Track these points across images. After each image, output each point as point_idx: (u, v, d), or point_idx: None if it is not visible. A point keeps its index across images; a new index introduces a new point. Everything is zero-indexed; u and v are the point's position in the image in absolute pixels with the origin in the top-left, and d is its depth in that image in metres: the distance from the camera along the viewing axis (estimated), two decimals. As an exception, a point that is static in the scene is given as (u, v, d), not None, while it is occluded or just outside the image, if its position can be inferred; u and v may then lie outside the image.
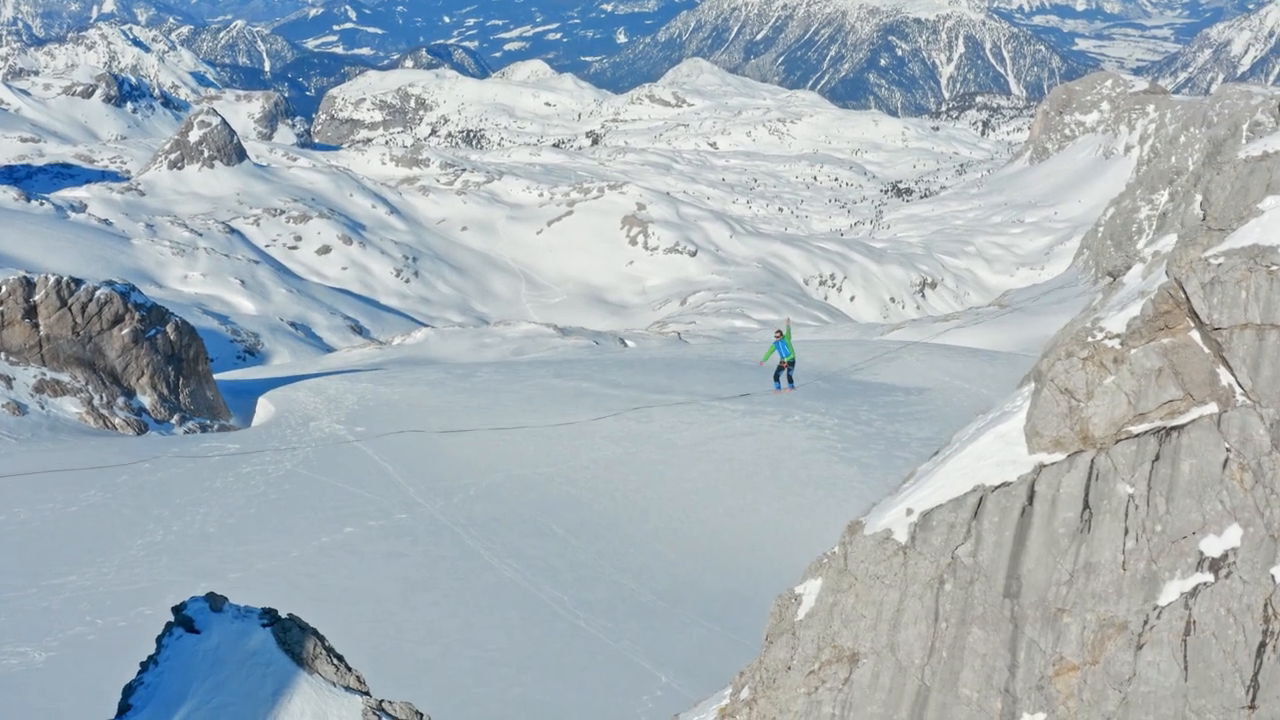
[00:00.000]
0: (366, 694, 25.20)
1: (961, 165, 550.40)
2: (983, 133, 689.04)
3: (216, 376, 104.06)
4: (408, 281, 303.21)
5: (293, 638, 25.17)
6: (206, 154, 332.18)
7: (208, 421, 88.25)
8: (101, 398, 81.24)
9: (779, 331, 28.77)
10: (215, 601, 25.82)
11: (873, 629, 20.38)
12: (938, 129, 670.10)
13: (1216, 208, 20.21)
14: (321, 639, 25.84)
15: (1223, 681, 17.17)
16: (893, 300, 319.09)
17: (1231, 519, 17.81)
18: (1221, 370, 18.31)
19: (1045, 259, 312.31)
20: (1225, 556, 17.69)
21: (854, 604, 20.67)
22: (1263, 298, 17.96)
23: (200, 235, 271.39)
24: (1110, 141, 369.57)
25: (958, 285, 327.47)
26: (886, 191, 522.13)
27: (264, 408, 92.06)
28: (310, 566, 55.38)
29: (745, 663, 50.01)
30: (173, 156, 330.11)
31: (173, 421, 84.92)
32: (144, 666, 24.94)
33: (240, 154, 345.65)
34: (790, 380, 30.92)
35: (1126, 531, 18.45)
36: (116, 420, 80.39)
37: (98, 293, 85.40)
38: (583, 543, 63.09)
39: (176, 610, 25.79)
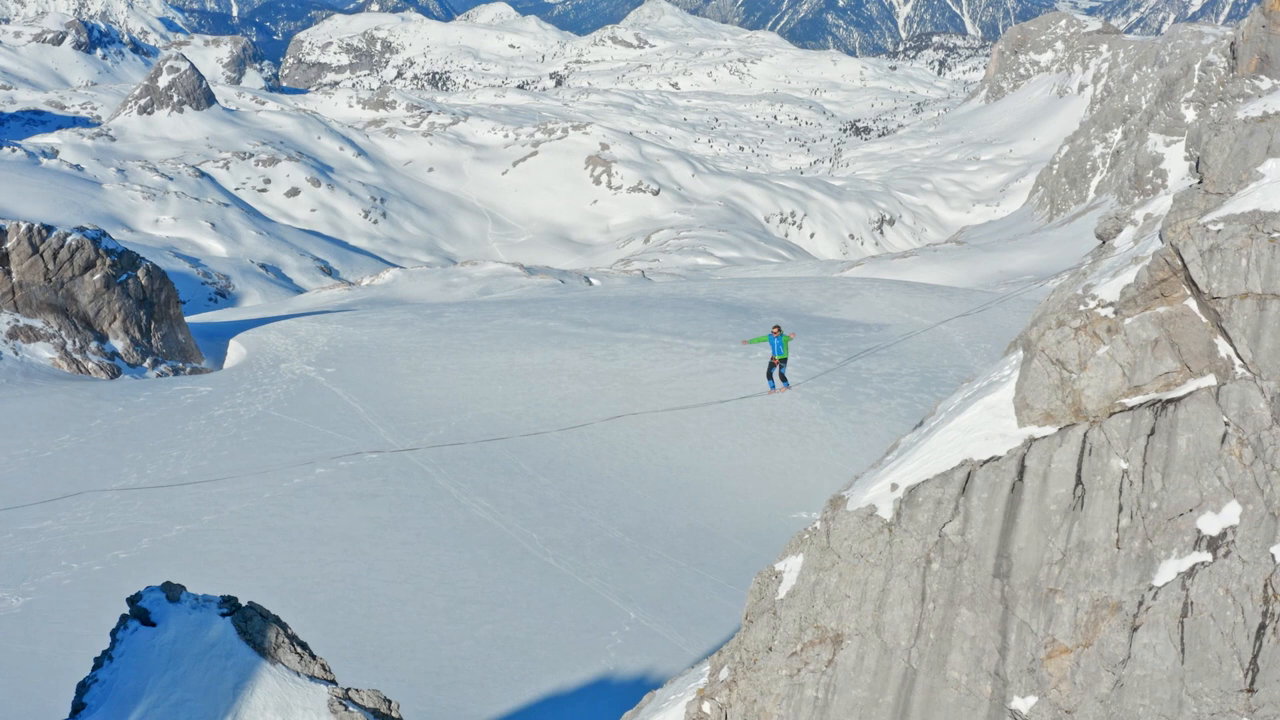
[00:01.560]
0: (332, 682, 24.06)
1: (919, 104, 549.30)
2: (939, 72, 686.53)
3: (188, 319, 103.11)
4: (376, 223, 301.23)
5: (254, 627, 23.87)
6: (176, 99, 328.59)
7: (180, 364, 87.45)
8: (74, 343, 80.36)
9: (776, 328, 27.06)
10: (172, 591, 24.48)
11: (857, 609, 19.40)
12: (895, 69, 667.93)
13: (1214, 171, 19.20)
14: (284, 627, 24.50)
15: (1220, 664, 16.40)
16: (852, 237, 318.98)
17: (1230, 496, 16.93)
18: (1220, 341, 17.37)
19: (1001, 196, 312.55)
20: (1224, 535, 16.85)
21: (837, 583, 19.68)
22: (1264, 266, 16.95)
23: (171, 179, 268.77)
24: (1064, 80, 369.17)
25: (915, 222, 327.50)
26: (845, 130, 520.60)
27: (235, 350, 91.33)
28: (282, 508, 55.00)
29: (711, 599, 50.09)
30: (142, 102, 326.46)
31: (145, 365, 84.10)
32: (98, 662, 23.50)
33: (209, 99, 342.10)
34: (784, 379, 29.05)
35: (1121, 509, 17.56)
36: (89, 365, 79.56)
37: (69, 239, 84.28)
38: (551, 480, 62.94)
39: (131, 601, 24.44)
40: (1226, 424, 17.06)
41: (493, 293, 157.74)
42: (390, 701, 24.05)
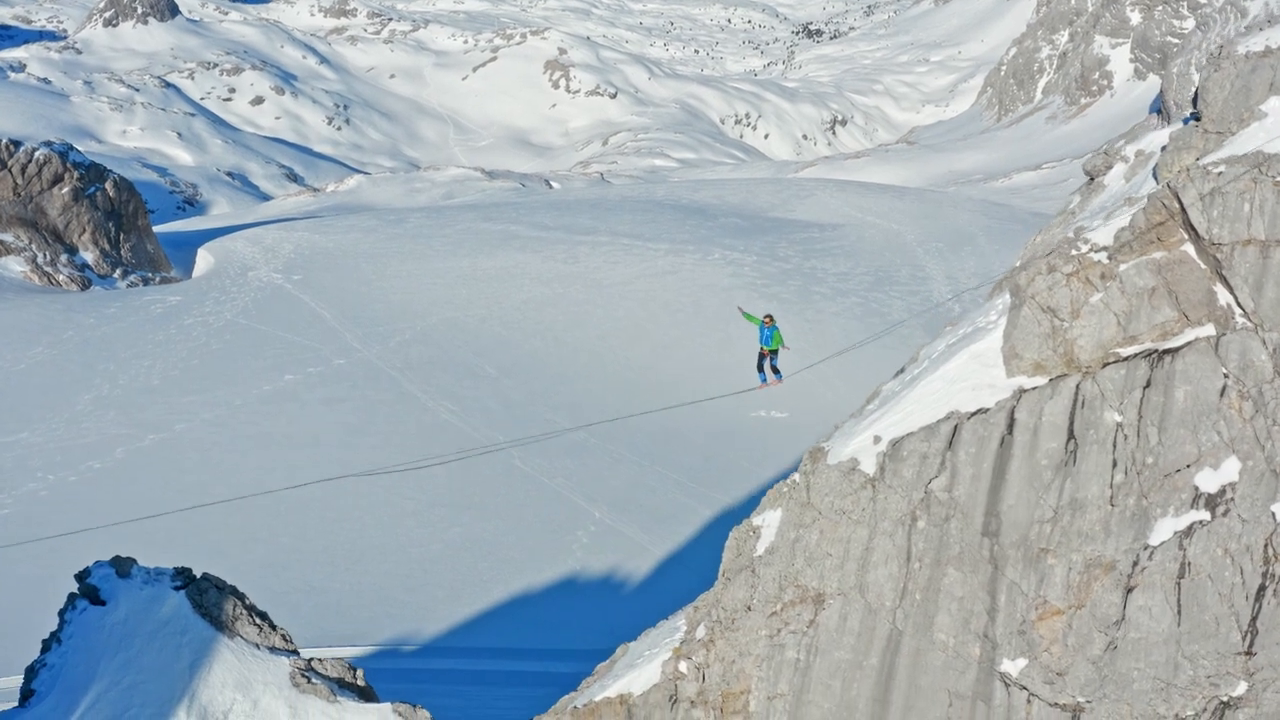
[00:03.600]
0: (294, 653, 22.75)
1: (869, 7, 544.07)
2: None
3: (157, 228, 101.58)
4: (339, 129, 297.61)
5: (210, 599, 22.50)
6: (140, 10, 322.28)
7: (149, 274, 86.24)
8: (45, 256, 79.05)
9: (769, 317, 25.52)
10: (122, 566, 22.81)
11: (839, 568, 18.26)
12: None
13: (1214, 109, 17.76)
14: (241, 598, 23.19)
15: (1218, 626, 15.47)
16: (805, 138, 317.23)
17: (1229, 451, 15.84)
18: (1220, 289, 16.18)
19: (950, 96, 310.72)
20: (1223, 492, 15.79)
21: (818, 541, 18.50)
22: (1268, 211, 15.76)
23: (137, 90, 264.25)
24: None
25: (867, 123, 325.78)
26: (798, 33, 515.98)
27: (203, 259, 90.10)
28: (253, 415, 54.44)
29: (674, 497, 50.00)
30: (107, 14, 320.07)
31: (115, 276, 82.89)
32: (46, 645, 21.94)
33: (173, 9, 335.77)
34: (775, 370, 27.42)
35: (1115, 464, 16.39)
36: (60, 277, 78.34)
37: (36, 153, 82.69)
38: (515, 383, 62.53)
39: (80, 578, 22.69)
40: (1226, 376, 16.03)
41: (455, 197, 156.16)
42: (355, 670, 23.06)
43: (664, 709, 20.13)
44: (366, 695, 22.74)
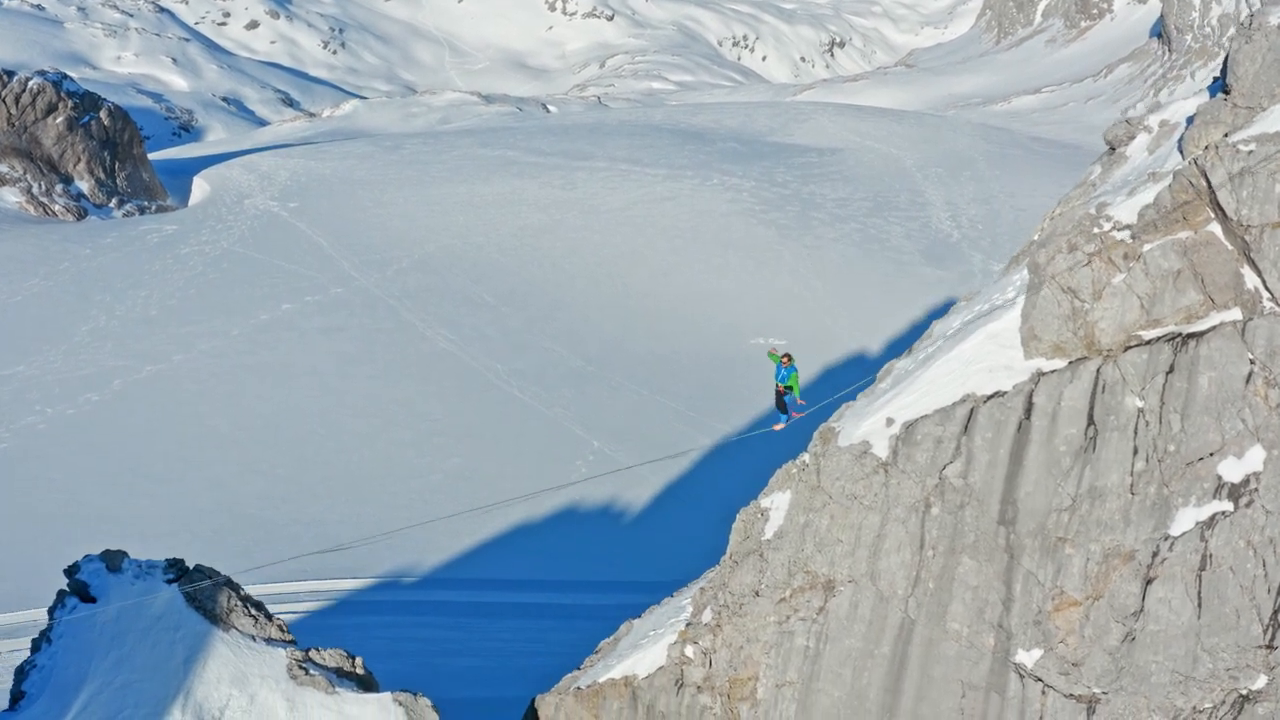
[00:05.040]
0: (291, 643, 22.25)
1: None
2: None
3: (152, 156, 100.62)
4: (335, 53, 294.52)
5: (203, 592, 21.95)
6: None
7: (145, 203, 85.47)
8: (40, 186, 78.28)
9: (787, 356, 24.53)
10: (112, 560, 22.23)
11: (850, 555, 17.68)
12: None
13: (1244, 82, 16.37)
14: (236, 588, 22.58)
15: (1239, 619, 14.86)
16: (803, 60, 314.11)
17: (1254, 440, 15.07)
18: (1247, 271, 15.31)
19: (949, 18, 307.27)
20: (1246, 482, 15.04)
21: (828, 526, 17.90)
22: None
23: (131, 16, 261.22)
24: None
25: (865, 45, 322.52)
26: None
27: (199, 187, 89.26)
28: (250, 344, 54.07)
29: (672, 426, 49.81)
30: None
31: (111, 205, 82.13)
32: (36, 645, 21.24)
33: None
34: (784, 410, 25.78)
35: (1136, 451, 15.65)
36: (56, 207, 77.63)
37: (30, 83, 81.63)
38: (513, 310, 62.13)
39: (69, 573, 22.01)
40: (1252, 362, 15.24)
41: (451, 122, 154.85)
42: (353, 658, 22.50)
43: (669, 693, 19.70)
44: (366, 683, 22.12)
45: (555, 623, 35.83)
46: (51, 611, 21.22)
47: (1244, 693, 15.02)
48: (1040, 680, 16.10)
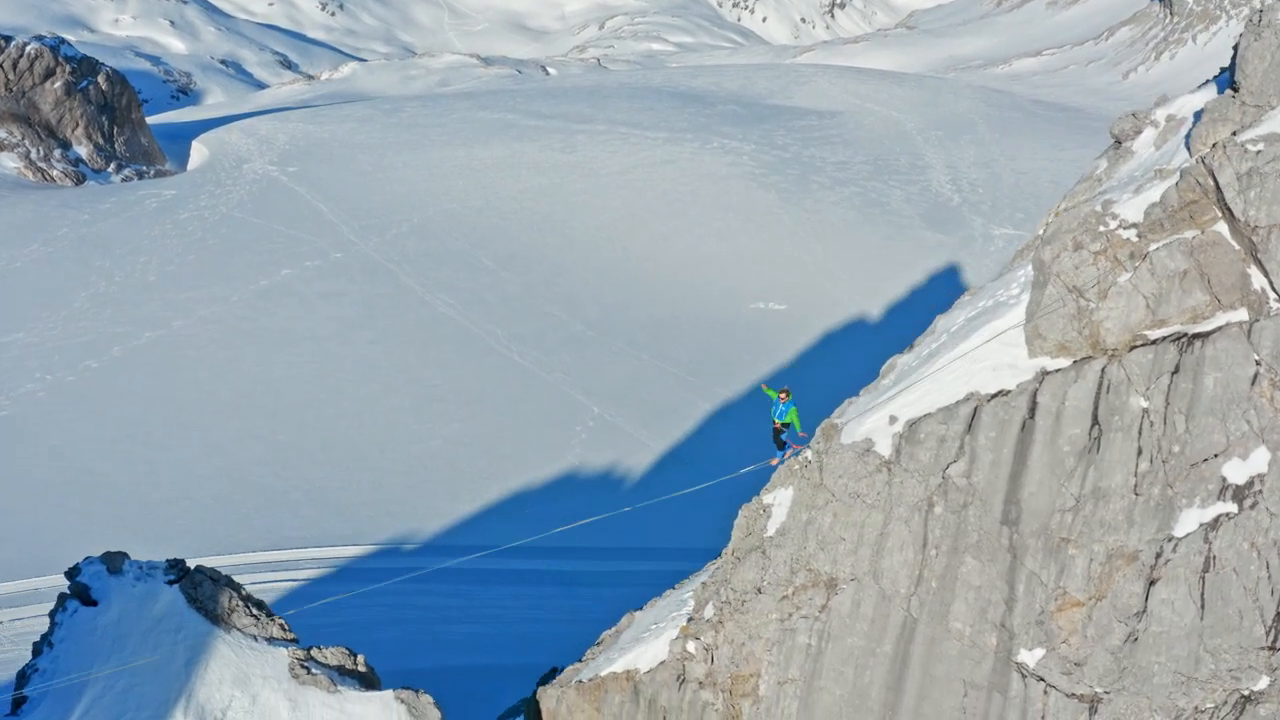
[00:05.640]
0: (293, 642, 22.08)
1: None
2: None
3: (151, 119, 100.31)
4: (333, 15, 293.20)
5: (204, 592, 21.71)
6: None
7: (144, 168, 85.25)
8: (39, 151, 78.08)
9: (785, 391, 23.96)
10: (113, 561, 21.89)
11: (853, 553, 17.50)
12: None
13: (1253, 80, 16.04)
14: (237, 589, 22.32)
15: (1241, 620, 14.70)
16: (803, 21, 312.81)
17: (1259, 441, 14.79)
18: (1254, 272, 14.97)
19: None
20: (1251, 484, 14.79)
21: (831, 524, 17.71)
22: None
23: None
24: None
25: (866, 5, 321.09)
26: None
27: (198, 151, 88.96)
28: (250, 310, 53.92)
29: (673, 391, 49.73)
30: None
31: (109, 170, 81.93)
32: (37, 649, 20.99)
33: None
34: (784, 444, 24.97)
35: (1140, 452, 15.38)
36: (54, 173, 77.42)
37: (28, 48, 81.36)
38: (513, 275, 61.96)
39: (70, 575, 21.74)
40: (1258, 363, 14.91)
41: (450, 84, 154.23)
42: (355, 655, 22.40)
43: (671, 688, 19.63)
44: (368, 680, 21.95)
45: (555, 589, 35.90)
46: (53, 615, 21.06)
47: (1246, 693, 14.88)
48: (1042, 680, 15.92)
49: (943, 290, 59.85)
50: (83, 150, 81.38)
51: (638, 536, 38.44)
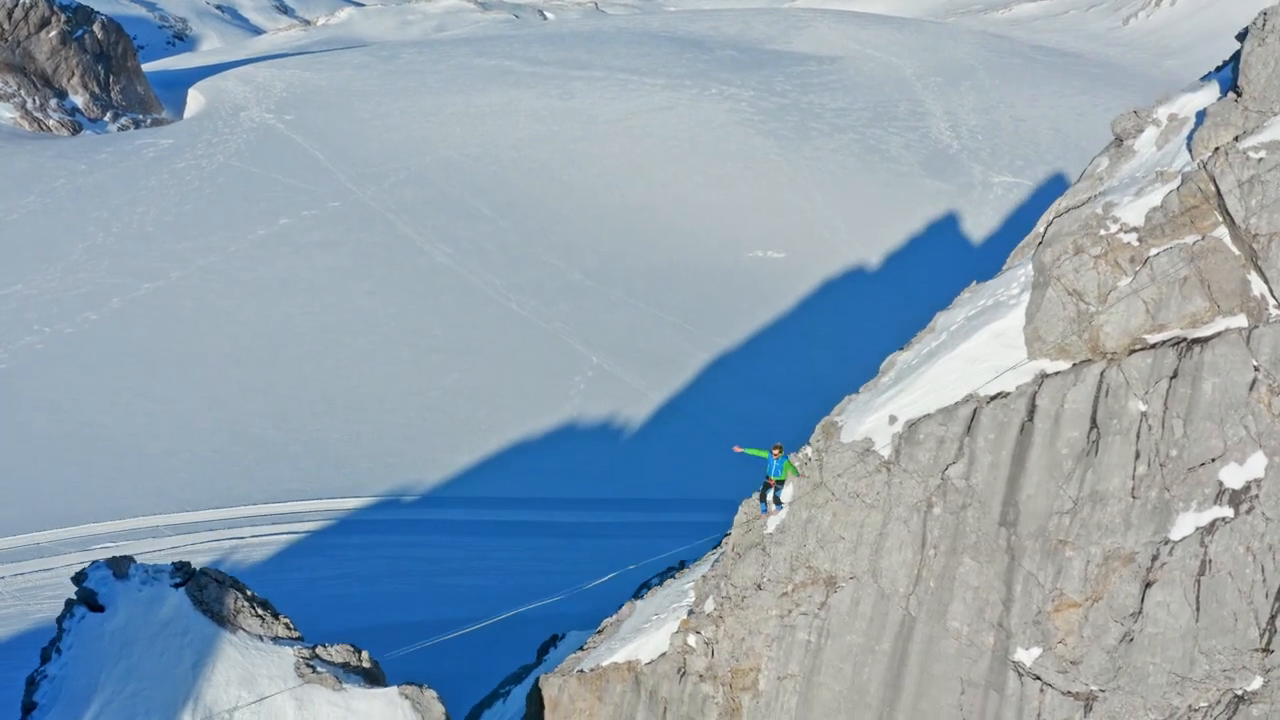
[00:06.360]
0: (299, 640, 22.23)
1: None
2: None
3: (146, 66, 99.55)
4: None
5: (210, 595, 21.86)
6: None
7: (140, 116, 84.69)
8: (35, 101, 77.54)
9: (778, 447, 23.39)
10: (119, 566, 22.02)
11: (852, 552, 17.60)
12: None
13: (1256, 86, 15.95)
14: (242, 590, 22.41)
15: (1236, 622, 14.76)
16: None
17: (1256, 447, 14.81)
18: (1254, 278, 14.97)
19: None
20: (1247, 489, 14.82)
21: (831, 523, 17.80)
22: None
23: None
24: None
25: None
26: None
27: (194, 99, 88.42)
28: (247, 260, 53.73)
29: (671, 340, 49.65)
30: None
31: (106, 119, 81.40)
32: (45, 655, 21.11)
33: None
34: (777, 501, 24.77)
35: (1138, 455, 15.41)
36: (51, 122, 76.93)
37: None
38: (511, 223, 61.70)
39: (77, 581, 21.82)
40: (1257, 369, 14.89)
41: (447, 29, 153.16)
42: (359, 652, 22.45)
43: (672, 680, 19.73)
44: (372, 676, 21.93)
45: (555, 541, 35.95)
46: (60, 621, 21.08)
47: (1239, 693, 14.95)
48: (1038, 678, 16.00)
49: (942, 238, 59.69)
50: (79, 99, 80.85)
51: (639, 487, 38.53)
